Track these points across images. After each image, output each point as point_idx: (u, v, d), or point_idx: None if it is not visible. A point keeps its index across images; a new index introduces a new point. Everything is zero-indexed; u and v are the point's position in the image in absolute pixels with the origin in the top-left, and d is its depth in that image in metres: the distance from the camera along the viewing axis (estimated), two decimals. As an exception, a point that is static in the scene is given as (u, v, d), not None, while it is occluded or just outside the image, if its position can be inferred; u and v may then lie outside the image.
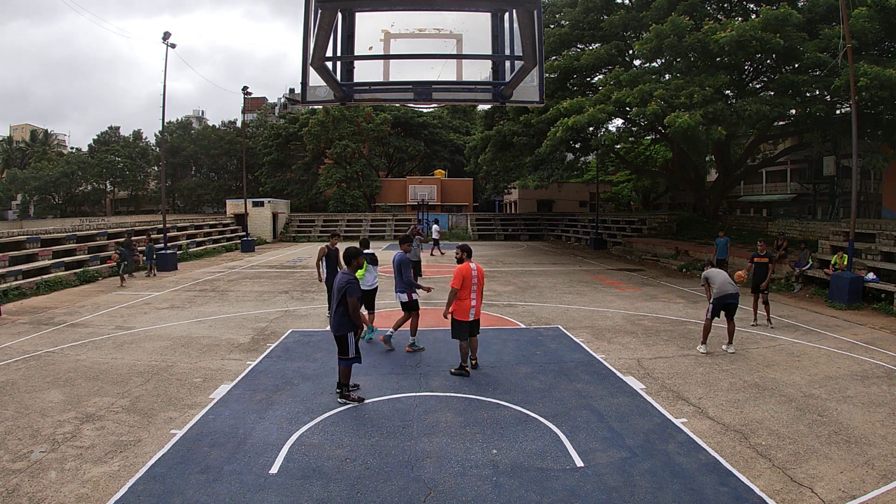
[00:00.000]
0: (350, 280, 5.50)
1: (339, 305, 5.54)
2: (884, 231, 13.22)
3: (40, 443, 4.75)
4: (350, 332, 5.57)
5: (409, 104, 3.55)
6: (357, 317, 5.52)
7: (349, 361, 5.65)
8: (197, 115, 69.30)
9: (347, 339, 5.57)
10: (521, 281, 15.24)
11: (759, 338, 8.63)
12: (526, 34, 2.85)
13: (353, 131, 38.60)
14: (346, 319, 5.52)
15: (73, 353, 7.62)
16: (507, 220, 39.78)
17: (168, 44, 18.83)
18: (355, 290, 5.46)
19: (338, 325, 5.60)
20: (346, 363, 5.67)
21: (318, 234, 35.69)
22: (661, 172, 30.22)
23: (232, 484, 4.07)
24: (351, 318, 5.50)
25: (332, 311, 8.29)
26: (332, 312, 5.73)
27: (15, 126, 70.94)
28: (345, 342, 5.59)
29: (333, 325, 5.69)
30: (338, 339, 5.64)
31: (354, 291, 5.45)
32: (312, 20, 3.08)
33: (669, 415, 5.43)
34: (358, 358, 5.71)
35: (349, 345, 5.58)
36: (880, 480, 4.11)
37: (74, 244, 16.88)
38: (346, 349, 5.59)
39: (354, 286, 5.47)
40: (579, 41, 24.14)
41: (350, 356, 5.61)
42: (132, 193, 53.69)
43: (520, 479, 4.16)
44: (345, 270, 5.72)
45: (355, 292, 5.46)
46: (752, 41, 15.82)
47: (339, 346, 5.67)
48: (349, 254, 5.79)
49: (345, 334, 5.57)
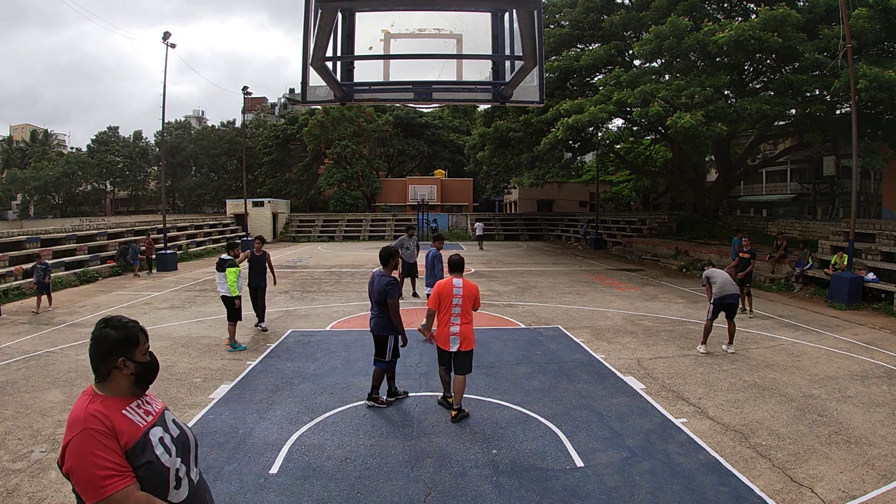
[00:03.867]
0: (389, 281, 5.35)
1: (380, 307, 5.38)
2: (884, 231, 13.22)
3: (40, 443, 4.75)
4: (391, 334, 5.45)
5: (410, 104, 3.55)
6: (398, 320, 5.34)
7: (384, 364, 5.55)
8: (197, 115, 69.36)
9: (387, 342, 5.47)
10: (521, 281, 15.25)
11: (759, 338, 8.64)
12: (526, 34, 2.85)
13: (353, 131, 38.60)
14: (388, 322, 5.37)
15: (73, 353, 7.62)
16: (507, 220, 39.77)
17: (168, 44, 18.88)
18: (395, 292, 5.31)
19: (379, 326, 5.46)
20: (381, 366, 5.56)
21: (318, 234, 35.70)
22: (661, 172, 30.23)
23: (232, 484, 4.07)
24: (392, 321, 5.34)
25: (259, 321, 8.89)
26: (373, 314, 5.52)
27: (15, 126, 70.97)
28: (384, 344, 5.48)
29: (374, 327, 5.52)
30: (377, 339, 5.52)
31: (395, 293, 5.30)
32: (312, 20, 3.07)
33: (669, 415, 5.43)
34: (393, 363, 5.61)
35: (388, 348, 5.48)
36: (880, 480, 4.11)
37: (74, 244, 16.89)
38: (384, 351, 5.49)
39: (394, 287, 5.33)
40: (579, 41, 24.15)
41: (386, 359, 5.51)
42: (132, 193, 53.72)
43: (520, 479, 4.16)
44: (382, 272, 5.51)
45: (396, 294, 5.31)
46: (751, 41, 15.83)
47: (376, 348, 5.56)
48: (386, 253, 5.58)
49: (386, 336, 5.46)
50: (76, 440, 1.69)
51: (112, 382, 1.83)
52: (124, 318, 1.92)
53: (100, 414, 1.74)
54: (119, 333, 1.84)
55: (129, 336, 1.86)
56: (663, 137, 23.70)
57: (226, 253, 8.27)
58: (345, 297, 12.53)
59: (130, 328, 1.88)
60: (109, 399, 1.80)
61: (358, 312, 10.69)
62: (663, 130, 20.42)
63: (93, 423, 1.71)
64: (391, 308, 5.29)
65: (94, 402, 1.77)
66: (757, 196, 35.14)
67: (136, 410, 1.84)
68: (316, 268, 18.81)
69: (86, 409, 1.74)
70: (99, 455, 1.68)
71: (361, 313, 10.60)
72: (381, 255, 5.58)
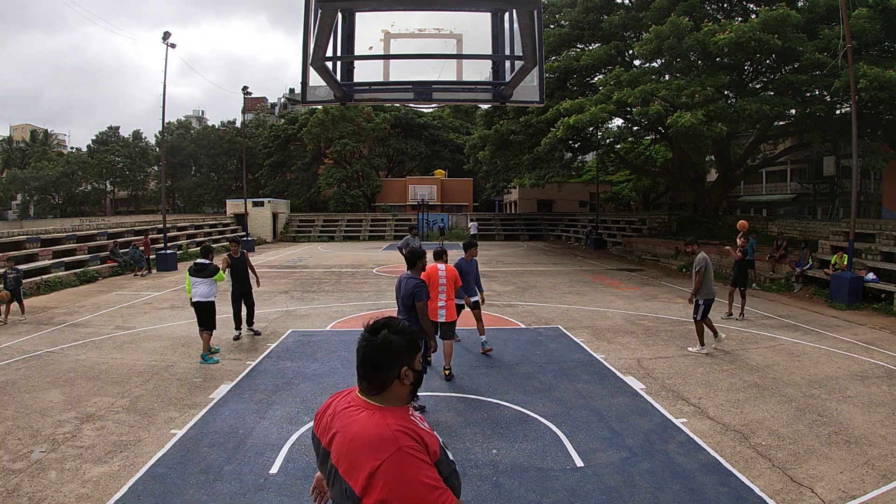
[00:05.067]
0: (417, 284, 5.26)
1: (408, 311, 5.29)
2: (884, 231, 13.22)
3: (40, 443, 4.74)
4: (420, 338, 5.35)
5: (410, 104, 3.55)
6: (427, 323, 5.24)
7: None
8: (197, 115, 69.36)
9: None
10: (521, 281, 15.24)
11: (759, 338, 8.63)
12: (526, 34, 2.85)
13: (352, 131, 38.60)
14: (418, 325, 5.25)
15: (73, 353, 7.62)
16: (507, 220, 39.78)
17: (168, 44, 18.89)
18: (423, 295, 5.23)
19: None
20: None
21: (317, 234, 35.70)
22: (661, 172, 30.24)
23: (232, 484, 4.07)
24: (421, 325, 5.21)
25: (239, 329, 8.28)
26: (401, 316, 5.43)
27: (15, 126, 70.96)
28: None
29: None
30: None
31: (423, 296, 5.21)
32: (312, 20, 3.08)
33: (669, 415, 5.42)
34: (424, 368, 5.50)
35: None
36: (880, 480, 4.10)
37: (74, 244, 16.89)
38: None
39: (422, 290, 5.24)
40: (579, 41, 24.17)
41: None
42: (132, 193, 53.73)
43: (520, 479, 4.16)
44: (409, 274, 5.39)
45: (424, 296, 5.22)
46: (751, 42, 15.84)
47: None
48: (414, 255, 5.48)
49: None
50: (391, 463, 1.47)
51: (391, 393, 1.64)
52: (402, 322, 1.73)
53: (407, 429, 1.55)
54: (403, 339, 1.66)
55: (413, 343, 1.69)
56: (663, 137, 23.70)
57: (201, 257, 7.53)
58: (345, 297, 12.53)
59: (412, 333, 1.71)
60: (398, 410, 1.63)
61: (358, 312, 10.70)
62: (663, 130, 20.42)
63: (404, 440, 1.52)
64: (419, 311, 5.18)
65: (391, 417, 1.58)
66: (757, 196, 35.14)
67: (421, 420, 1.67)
68: (316, 268, 18.81)
69: (389, 426, 1.54)
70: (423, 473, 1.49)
71: (361, 313, 10.61)
72: (408, 257, 5.48)
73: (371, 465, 1.48)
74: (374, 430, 1.54)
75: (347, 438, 1.58)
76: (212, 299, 7.40)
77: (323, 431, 1.71)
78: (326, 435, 1.68)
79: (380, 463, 1.48)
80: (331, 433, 1.66)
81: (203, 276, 7.38)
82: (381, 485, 1.47)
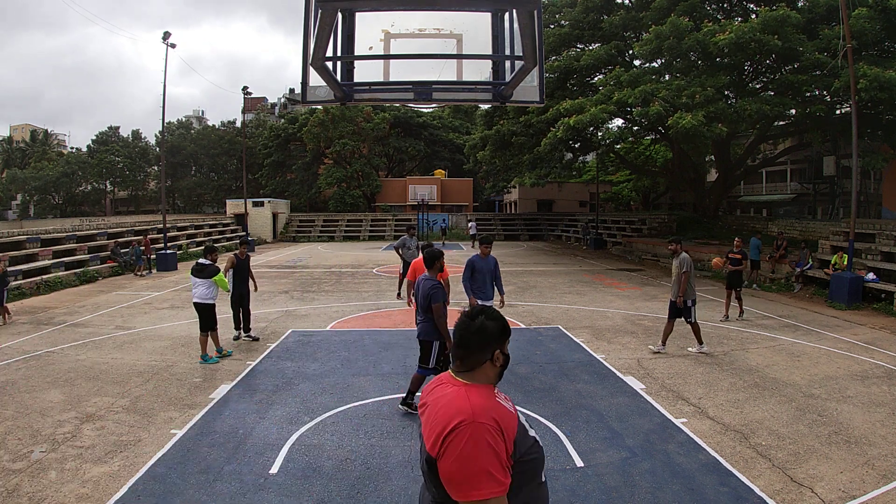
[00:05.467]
0: (434, 285, 5.23)
1: (425, 312, 5.27)
2: (884, 231, 13.22)
3: (40, 443, 4.74)
4: (436, 340, 5.28)
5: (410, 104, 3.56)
6: (443, 325, 5.22)
7: (426, 371, 5.35)
8: (197, 115, 69.35)
9: (432, 348, 5.32)
10: (521, 281, 15.24)
11: (759, 338, 8.63)
12: (526, 34, 2.85)
13: (352, 131, 38.60)
14: (434, 327, 5.24)
15: (73, 353, 7.62)
16: (507, 220, 39.78)
17: (168, 44, 18.89)
18: (440, 296, 5.21)
19: (425, 331, 5.33)
20: (423, 372, 5.38)
21: (318, 234, 35.70)
22: (661, 172, 30.24)
23: (232, 484, 4.07)
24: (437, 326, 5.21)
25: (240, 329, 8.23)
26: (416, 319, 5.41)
27: (15, 126, 70.96)
28: (428, 350, 5.33)
29: (420, 332, 5.39)
30: (422, 344, 5.37)
31: (439, 297, 5.19)
32: (312, 20, 3.07)
33: (669, 415, 5.42)
34: (435, 369, 5.34)
35: (432, 354, 5.31)
36: (880, 480, 4.10)
37: (74, 244, 16.90)
38: (428, 358, 5.33)
39: (439, 291, 5.21)
40: (579, 41, 24.16)
41: (429, 366, 5.32)
42: (132, 193, 53.74)
43: (520, 479, 4.15)
44: (427, 275, 5.38)
45: (440, 298, 5.20)
46: (751, 42, 15.84)
47: (421, 353, 5.40)
48: (431, 255, 5.45)
49: (430, 341, 5.31)
50: (462, 434, 1.58)
51: (481, 373, 1.79)
52: (494, 309, 1.87)
53: (487, 408, 1.66)
54: (497, 325, 1.80)
55: (505, 327, 1.83)
56: (663, 137, 23.71)
57: (203, 257, 7.43)
58: (345, 297, 12.53)
59: (503, 319, 1.84)
60: (484, 388, 1.75)
61: (358, 312, 10.70)
62: (663, 130, 20.42)
63: (481, 416, 1.62)
64: (436, 312, 5.16)
65: (475, 394, 1.70)
66: (757, 196, 35.14)
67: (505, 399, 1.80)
68: (316, 268, 18.82)
69: (471, 401, 1.66)
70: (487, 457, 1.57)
71: (361, 313, 10.61)
72: (426, 258, 5.46)
73: (444, 431, 1.61)
74: (456, 402, 1.67)
75: (434, 409, 1.73)
76: (210, 301, 7.23)
77: (419, 406, 1.90)
78: (421, 409, 1.86)
79: (452, 430, 1.60)
80: (424, 407, 1.83)
81: (202, 276, 7.26)
82: (449, 452, 1.59)
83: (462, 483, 1.57)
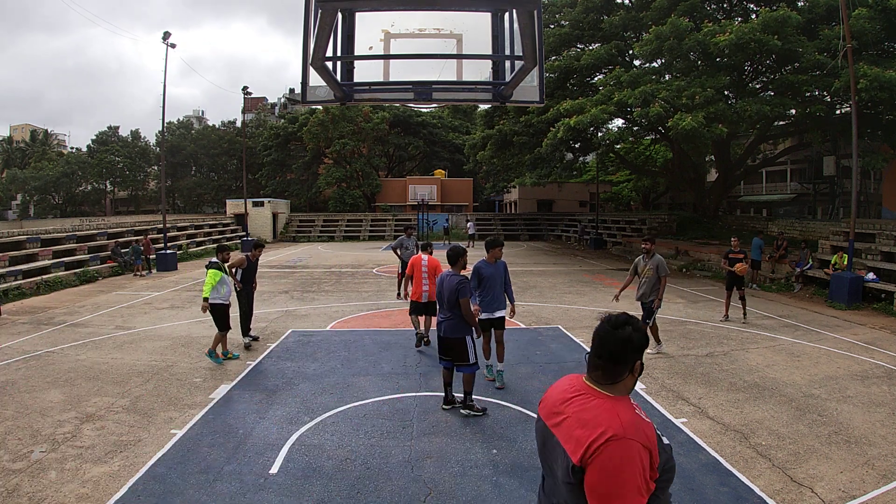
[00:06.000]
0: (461, 280, 5.21)
1: (451, 309, 5.21)
2: (884, 231, 13.22)
3: (40, 443, 4.74)
4: (468, 334, 5.21)
5: (410, 104, 3.55)
6: (471, 317, 5.21)
7: (471, 368, 5.27)
8: (197, 115, 69.34)
9: (466, 343, 5.20)
10: (521, 281, 15.24)
11: (759, 338, 8.64)
12: (526, 34, 2.85)
13: (352, 130, 38.61)
14: (461, 323, 5.18)
15: (73, 353, 7.62)
16: (507, 220, 39.77)
17: (168, 44, 18.90)
18: (467, 291, 5.21)
19: (453, 329, 5.21)
20: (469, 370, 5.28)
21: (318, 234, 35.69)
22: (661, 172, 30.24)
23: (232, 484, 4.07)
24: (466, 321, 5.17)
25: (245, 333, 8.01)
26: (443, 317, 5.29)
27: (15, 126, 70.97)
28: (463, 347, 5.20)
29: (447, 330, 5.24)
30: (455, 343, 5.22)
31: (467, 292, 5.19)
32: (312, 20, 3.08)
33: (669, 415, 5.42)
34: (478, 364, 5.32)
35: (468, 349, 5.20)
36: (880, 480, 4.10)
37: (74, 244, 16.89)
38: (466, 354, 5.21)
39: (466, 287, 5.20)
40: (579, 41, 24.15)
41: (471, 362, 5.23)
42: (132, 193, 53.76)
43: (520, 479, 4.16)
44: (451, 272, 5.36)
45: (467, 293, 5.20)
46: (751, 43, 15.84)
47: (454, 353, 5.25)
48: (454, 253, 5.46)
49: (462, 337, 5.20)
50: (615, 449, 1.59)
51: (623, 386, 1.76)
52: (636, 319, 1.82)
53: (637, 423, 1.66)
54: (643, 337, 1.77)
55: (647, 340, 1.81)
56: (663, 137, 23.71)
57: (215, 256, 7.42)
58: (345, 297, 12.53)
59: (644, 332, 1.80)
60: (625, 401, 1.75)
61: (358, 312, 10.70)
62: (663, 131, 20.41)
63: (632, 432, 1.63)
64: (464, 307, 5.14)
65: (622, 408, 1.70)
66: (757, 196, 35.15)
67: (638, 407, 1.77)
68: (316, 268, 18.82)
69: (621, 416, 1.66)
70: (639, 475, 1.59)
71: (361, 313, 10.61)
72: (449, 255, 5.45)
73: (595, 444, 1.61)
74: (605, 416, 1.66)
75: (578, 421, 1.70)
76: (219, 301, 7.14)
77: (549, 415, 1.82)
78: (554, 418, 1.79)
79: (603, 444, 1.60)
80: (560, 417, 1.77)
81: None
82: (597, 464, 1.59)
83: (607, 496, 1.58)
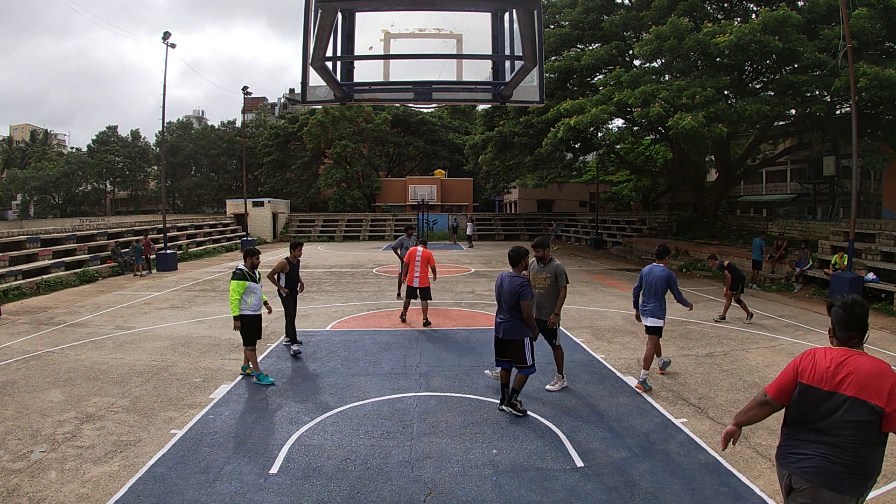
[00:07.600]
0: (522, 282, 5.21)
1: (510, 310, 5.21)
2: (884, 231, 13.22)
3: (40, 443, 4.75)
4: (527, 336, 5.22)
5: (410, 104, 3.55)
6: (531, 320, 5.22)
7: (529, 370, 5.31)
8: (197, 115, 69.35)
9: (524, 345, 5.23)
10: (521, 281, 15.24)
11: (759, 338, 8.64)
12: (526, 34, 2.85)
13: (352, 131, 38.59)
14: (520, 325, 5.18)
15: (73, 353, 7.62)
16: (507, 220, 39.77)
17: (168, 44, 18.89)
18: (529, 293, 5.19)
19: (512, 330, 5.22)
20: (526, 372, 5.32)
21: (318, 234, 35.69)
22: (661, 172, 30.23)
23: (232, 484, 4.07)
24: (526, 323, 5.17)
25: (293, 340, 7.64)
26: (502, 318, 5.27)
27: (15, 126, 70.96)
28: (521, 349, 5.23)
29: (506, 332, 5.25)
30: (513, 345, 5.25)
31: (527, 295, 5.17)
32: (312, 20, 3.08)
33: (669, 415, 5.43)
34: (534, 366, 5.34)
35: (526, 351, 5.23)
36: (880, 480, 4.10)
37: (74, 244, 16.89)
38: (523, 356, 5.23)
39: (527, 289, 5.19)
40: (579, 41, 24.15)
41: (528, 363, 5.25)
42: (132, 193, 53.77)
43: (520, 479, 4.16)
44: (512, 273, 5.33)
45: (528, 295, 5.18)
46: (751, 44, 15.84)
47: (512, 354, 5.28)
48: (516, 254, 5.40)
49: (521, 339, 5.22)
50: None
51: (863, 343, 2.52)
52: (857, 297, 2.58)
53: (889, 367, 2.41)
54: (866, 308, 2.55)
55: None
56: (663, 137, 23.71)
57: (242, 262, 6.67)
58: (345, 297, 12.53)
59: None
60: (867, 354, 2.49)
61: (358, 312, 10.69)
62: (663, 131, 20.42)
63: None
64: (525, 310, 5.13)
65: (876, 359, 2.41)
66: (757, 196, 35.15)
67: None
68: (316, 268, 18.82)
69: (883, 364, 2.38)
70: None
71: (361, 313, 10.61)
72: (511, 256, 5.39)
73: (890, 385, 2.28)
74: (880, 365, 2.36)
75: (864, 375, 2.34)
76: (248, 312, 6.41)
77: (821, 380, 2.44)
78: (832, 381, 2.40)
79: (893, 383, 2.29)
80: (840, 377, 2.38)
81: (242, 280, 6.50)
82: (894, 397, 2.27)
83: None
